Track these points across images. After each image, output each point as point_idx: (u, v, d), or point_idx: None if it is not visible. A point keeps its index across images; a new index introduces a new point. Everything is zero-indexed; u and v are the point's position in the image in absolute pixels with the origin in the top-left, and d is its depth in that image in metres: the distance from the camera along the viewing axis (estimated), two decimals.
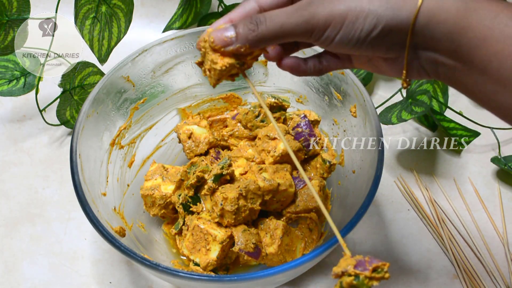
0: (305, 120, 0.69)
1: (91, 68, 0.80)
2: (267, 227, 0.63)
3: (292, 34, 0.40)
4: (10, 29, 0.76)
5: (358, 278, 0.42)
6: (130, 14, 0.77)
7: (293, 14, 0.40)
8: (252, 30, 0.40)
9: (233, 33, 0.40)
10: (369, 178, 0.57)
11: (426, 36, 0.39)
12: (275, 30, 0.40)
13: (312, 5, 0.40)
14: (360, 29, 0.39)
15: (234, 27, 0.40)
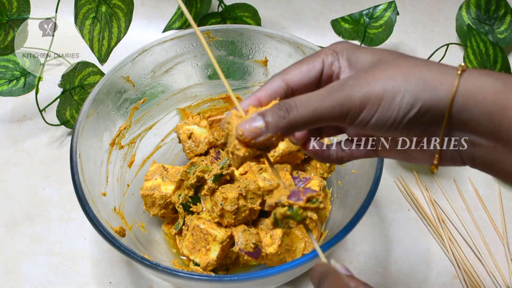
0: None
1: (91, 68, 0.80)
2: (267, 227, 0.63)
3: (326, 119, 0.38)
4: (10, 29, 0.76)
5: (292, 209, 0.40)
6: (130, 14, 0.77)
7: (326, 97, 0.38)
8: (283, 118, 0.38)
9: (263, 123, 0.38)
10: (369, 178, 0.57)
11: (463, 116, 0.37)
12: (308, 116, 0.38)
13: (346, 87, 0.38)
14: (397, 110, 0.38)
15: (262, 116, 0.38)
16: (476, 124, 0.37)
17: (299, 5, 0.96)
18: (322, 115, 0.38)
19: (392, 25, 0.83)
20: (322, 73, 0.42)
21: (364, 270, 0.69)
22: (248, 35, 0.71)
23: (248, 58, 0.73)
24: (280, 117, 0.38)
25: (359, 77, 0.39)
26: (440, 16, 0.95)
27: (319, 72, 0.42)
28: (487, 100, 0.36)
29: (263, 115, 0.38)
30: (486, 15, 0.88)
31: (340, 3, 0.96)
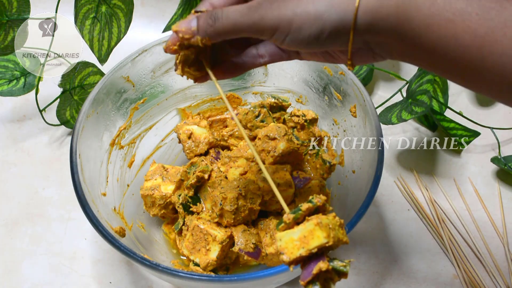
0: None
1: (91, 68, 0.80)
2: (267, 227, 0.63)
3: (244, 32, 0.43)
4: (10, 29, 0.76)
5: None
6: (130, 14, 0.77)
7: (245, 14, 0.42)
8: (210, 25, 0.43)
9: (195, 26, 0.44)
10: (369, 178, 0.57)
11: (373, 33, 0.41)
12: (229, 28, 0.43)
13: (261, 8, 0.42)
14: (307, 34, 0.41)
15: (197, 19, 0.44)
16: (386, 38, 0.41)
17: None
18: (241, 30, 0.43)
19: None
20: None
21: (364, 270, 0.69)
22: None
23: None
24: (208, 24, 0.43)
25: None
26: None
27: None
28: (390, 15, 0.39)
29: (198, 18, 0.44)
30: None
31: None
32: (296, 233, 0.41)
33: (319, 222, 0.41)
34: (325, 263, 0.40)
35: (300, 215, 0.41)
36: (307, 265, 0.41)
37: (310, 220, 0.41)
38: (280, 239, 0.41)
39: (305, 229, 0.41)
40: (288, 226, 0.42)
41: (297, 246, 0.40)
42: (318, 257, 0.40)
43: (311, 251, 0.40)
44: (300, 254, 0.40)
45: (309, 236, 0.40)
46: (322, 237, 0.40)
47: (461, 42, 0.38)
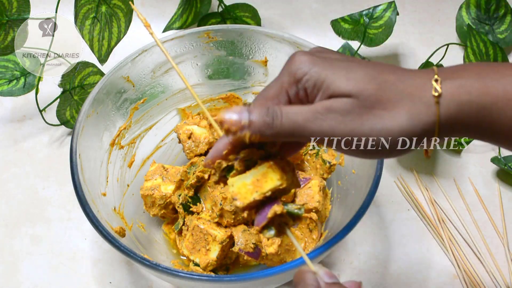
0: None
1: (91, 68, 0.80)
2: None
3: (305, 138, 0.39)
4: (10, 29, 0.76)
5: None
6: (130, 14, 0.77)
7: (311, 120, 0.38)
8: (267, 124, 0.38)
9: (247, 120, 0.38)
10: (369, 178, 0.57)
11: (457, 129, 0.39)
12: (289, 130, 0.38)
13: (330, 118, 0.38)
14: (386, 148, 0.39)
15: (249, 113, 0.38)
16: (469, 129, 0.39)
17: (299, 5, 0.96)
18: (302, 135, 0.38)
19: (392, 25, 0.83)
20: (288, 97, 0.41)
21: (364, 270, 0.69)
22: (248, 35, 0.71)
23: (248, 58, 0.73)
24: (265, 122, 0.38)
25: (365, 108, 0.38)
26: (440, 16, 0.95)
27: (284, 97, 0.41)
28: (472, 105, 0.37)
29: (250, 111, 0.39)
30: (486, 15, 0.88)
31: (340, 3, 0.96)
32: (248, 177, 0.39)
33: (271, 165, 0.39)
34: (280, 206, 0.39)
35: (251, 163, 0.40)
36: (261, 210, 0.39)
37: (263, 163, 0.40)
38: (232, 184, 0.40)
39: (257, 172, 0.39)
40: (239, 172, 0.40)
41: (250, 191, 0.39)
42: (272, 202, 0.39)
43: (265, 194, 0.39)
44: (254, 198, 0.39)
45: (262, 179, 0.39)
46: (276, 179, 0.39)
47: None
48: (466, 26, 0.87)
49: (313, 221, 0.66)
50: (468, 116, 0.38)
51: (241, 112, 0.39)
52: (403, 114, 0.37)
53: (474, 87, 0.37)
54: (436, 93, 0.37)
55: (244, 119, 0.38)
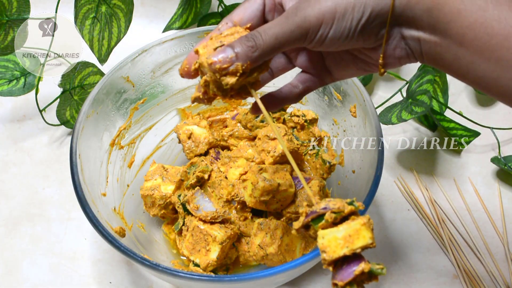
0: None
1: (91, 68, 0.80)
2: (267, 227, 0.63)
3: (288, 42, 0.41)
4: (10, 29, 0.76)
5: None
6: (130, 14, 0.77)
7: (285, 22, 0.41)
8: (251, 47, 0.41)
9: (233, 54, 0.41)
10: (369, 178, 0.57)
11: (408, 15, 0.41)
12: (272, 42, 0.41)
13: (301, 9, 0.41)
14: (350, 20, 0.41)
15: (231, 47, 0.41)
16: (419, 21, 0.41)
17: None
18: (284, 40, 0.41)
19: None
20: (264, 5, 0.46)
21: None
22: None
23: None
24: (248, 47, 0.41)
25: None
26: None
27: (260, 5, 0.45)
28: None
29: (232, 46, 0.41)
30: None
31: None
32: (341, 232, 0.40)
33: (365, 222, 0.40)
34: (368, 265, 0.39)
35: (339, 216, 0.40)
36: (345, 265, 0.40)
37: (356, 219, 0.40)
38: (322, 236, 0.40)
39: (350, 228, 0.40)
40: (328, 225, 0.41)
41: (340, 245, 0.39)
42: (355, 259, 0.40)
43: (354, 251, 0.39)
44: (344, 253, 0.39)
45: (355, 235, 0.39)
46: (368, 237, 0.39)
47: (490, 30, 0.38)
48: None
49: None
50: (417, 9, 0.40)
51: (224, 49, 0.41)
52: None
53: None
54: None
55: (230, 53, 0.40)
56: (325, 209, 0.41)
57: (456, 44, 0.40)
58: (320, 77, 0.49)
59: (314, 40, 0.42)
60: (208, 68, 0.41)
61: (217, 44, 0.42)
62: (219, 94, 0.43)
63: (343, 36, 0.42)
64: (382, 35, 0.43)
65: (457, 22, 0.39)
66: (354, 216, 0.41)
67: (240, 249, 0.66)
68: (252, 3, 0.46)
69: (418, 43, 0.42)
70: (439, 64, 0.43)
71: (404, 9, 0.41)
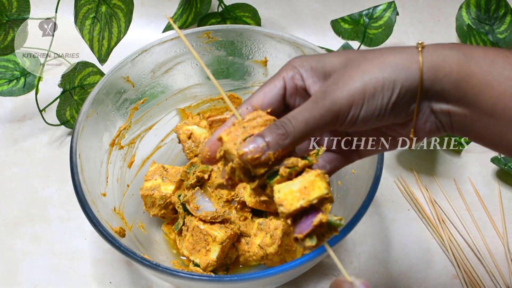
0: None
1: (91, 68, 0.80)
2: (267, 227, 0.63)
3: (319, 127, 0.41)
4: (10, 29, 0.76)
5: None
6: (130, 14, 0.77)
7: (314, 107, 0.41)
8: (282, 134, 0.40)
9: (263, 142, 0.40)
10: (369, 178, 0.57)
11: (436, 89, 0.41)
12: (303, 128, 0.40)
13: (329, 93, 0.41)
14: (381, 98, 0.41)
15: (262, 137, 0.41)
16: (447, 94, 0.41)
17: (299, 5, 0.96)
18: (315, 125, 0.41)
19: (392, 25, 0.83)
20: (285, 90, 0.45)
21: (364, 270, 0.69)
22: (248, 35, 0.71)
23: (248, 58, 0.73)
24: (279, 135, 0.40)
25: (336, 80, 0.41)
26: (440, 16, 0.95)
27: (281, 89, 0.44)
28: (452, 71, 0.40)
29: (262, 136, 0.41)
30: (486, 15, 0.88)
31: (340, 3, 0.96)
32: (296, 185, 0.40)
33: (319, 173, 0.40)
34: (325, 215, 0.40)
35: (294, 171, 0.41)
36: (304, 218, 0.40)
37: (310, 172, 0.41)
38: (278, 190, 0.40)
39: (305, 180, 0.40)
40: (283, 179, 0.41)
41: (297, 198, 0.40)
42: (314, 211, 0.40)
43: (311, 202, 0.39)
44: (301, 205, 0.39)
45: (310, 187, 0.40)
46: (323, 187, 0.40)
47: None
48: (466, 26, 0.87)
49: None
50: (450, 70, 0.40)
51: (254, 139, 0.41)
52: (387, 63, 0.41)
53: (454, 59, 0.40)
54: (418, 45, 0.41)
55: (261, 143, 0.40)
56: (280, 165, 0.41)
57: (487, 115, 0.40)
58: (346, 155, 0.48)
59: (345, 122, 0.41)
60: (237, 157, 0.41)
61: (241, 131, 0.42)
62: (245, 181, 0.43)
63: (375, 115, 0.41)
64: (412, 110, 0.42)
65: (486, 94, 0.39)
66: (309, 169, 0.41)
67: (240, 249, 0.66)
68: (273, 87, 0.45)
69: (448, 115, 0.42)
70: (470, 135, 0.43)
71: (432, 83, 0.40)
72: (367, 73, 0.41)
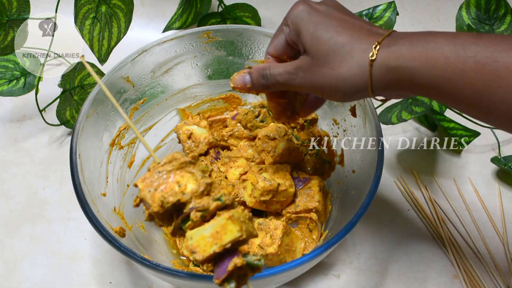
0: None
1: None
2: (267, 227, 0.63)
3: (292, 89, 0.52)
4: (10, 29, 0.76)
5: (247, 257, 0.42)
6: (130, 14, 0.77)
7: (294, 76, 0.50)
8: (262, 83, 0.53)
9: (250, 81, 0.54)
10: (369, 178, 0.57)
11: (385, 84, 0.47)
12: (278, 84, 0.52)
13: (307, 73, 0.49)
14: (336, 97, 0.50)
15: (250, 75, 0.54)
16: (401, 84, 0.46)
17: None
18: (288, 87, 0.52)
19: (392, 25, 0.83)
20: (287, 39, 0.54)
21: (364, 270, 0.69)
22: (248, 35, 0.71)
23: (248, 58, 0.73)
24: (261, 82, 0.53)
25: (316, 64, 0.49)
26: (440, 16, 0.95)
27: (284, 40, 0.53)
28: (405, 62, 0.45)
29: (251, 74, 0.54)
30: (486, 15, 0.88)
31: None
32: (207, 230, 0.40)
33: (230, 216, 0.40)
34: (240, 259, 0.39)
35: (207, 214, 0.41)
36: (220, 263, 0.40)
37: (221, 214, 0.40)
38: (191, 237, 0.40)
39: (216, 224, 0.40)
40: (195, 224, 0.40)
41: (209, 243, 0.39)
42: (231, 253, 0.40)
43: (224, 246, 0.39)
44: (214, 251, 0.39)
45: (222, 231, 0.39)
46: (236, 230, 0.39)
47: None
48: (466, 26, 0.87)
49: (313, 221, 0.66)
50: (397, 78, 0.45)
51: (244, 76, 0.54)
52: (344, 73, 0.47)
53: (404, 54, 0.44)
54: (372, 58, 0.46)
55: (248, 82, 0.54)
56: (191, 209, 0.41)
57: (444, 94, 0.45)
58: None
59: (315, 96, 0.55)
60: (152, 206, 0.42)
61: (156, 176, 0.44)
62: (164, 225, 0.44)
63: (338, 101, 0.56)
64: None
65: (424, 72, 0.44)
66: (221, 211, 0.41)
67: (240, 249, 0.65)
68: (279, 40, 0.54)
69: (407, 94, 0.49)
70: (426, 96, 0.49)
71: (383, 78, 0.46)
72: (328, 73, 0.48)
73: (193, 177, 0.42)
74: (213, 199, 0.41)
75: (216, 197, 0.41)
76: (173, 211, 0.42)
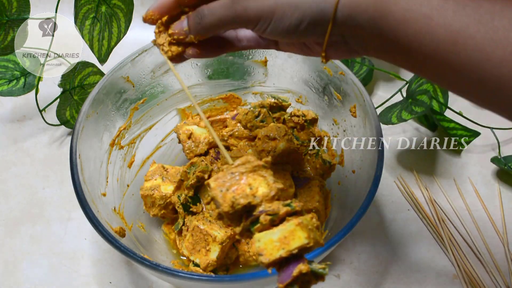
0: None
1: (91, 68, 0.80)
2: None
3: (230, 26, 0.45)
4: (10, 29, 0.76)
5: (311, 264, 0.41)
6: (130, 14, 0.77)
7: (229, 7, 0.44)
8: (198, 23, 0.45)
9: (186, 25, 0.46)
10: (369, 178, 0.57)
11: (351, 25, 0.42)
12: (216, 23, 0.45)
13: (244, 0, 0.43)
14: (288, 23, 0.43)
15: (188, 19, 0.46)
16: (363, 31, 0.42)
17: None
18: (226, 23, 0.45)
19: None
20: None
21: (364, 270, 0.69)
22: None
23: (248, 58, 0.73)
24: (196, 23, 0.46)
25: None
26: None
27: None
28: (369, 8, 0.40)
29: (188, 17, 0.46)
30: None
31: None
32: (276, 234, 0.40)
33: (300, 223, 0.40)
34: (306, 265, 0.39)
35: (277, 218, 0.41)
36: (285, 267, 0.40)
37: (290, 220, 0.40)
38: (258, 240, 0.40)
39: (285, 229, 0.40)
40: (264, 227, 0.41)
41: (276, 247, 0.39)
42: (296, 259, 0.40)
43: (291, 252, 0.39)
44: (280, 255, 0.39)
45: (290, 236, 0.39)
46: (303, 237, 0.39)
47: (436, 36, 0.39)
48: None
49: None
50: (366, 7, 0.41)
51: (182, 20, 0.47)
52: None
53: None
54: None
55: (185, 26, 0.47)
56: (261, 212, 0.41)
57: (404, 51, 0.41)
58: (266, 42, 0.51)
59: (254, 29, 0.45)
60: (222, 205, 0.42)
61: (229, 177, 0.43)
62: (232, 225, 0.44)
63: (282, 33, 0.44)
64: (322, 36, 0.43)
65: (403, 31, 0.40)
66: (291, 217, 0.41)
67: (240, 249, 0.66)
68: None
69: (364, 44, 0.44)
70: (389, 61, 0.44)
71: (346, 19, 0.41)
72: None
73: (265, 181, 0.42)
74: (283, 204, 0.41)
75: (287, 203, 0.42)
76: (243, 212, 0.42)
